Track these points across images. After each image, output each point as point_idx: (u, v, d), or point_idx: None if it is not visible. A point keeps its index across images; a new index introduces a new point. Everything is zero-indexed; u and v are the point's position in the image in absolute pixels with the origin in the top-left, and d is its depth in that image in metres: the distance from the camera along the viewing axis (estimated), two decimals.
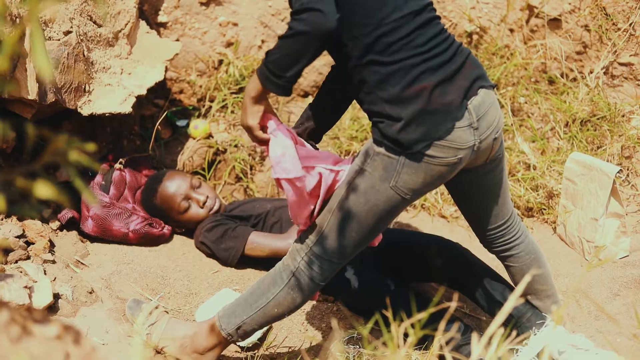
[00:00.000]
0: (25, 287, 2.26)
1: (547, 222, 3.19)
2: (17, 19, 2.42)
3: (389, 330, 2.23)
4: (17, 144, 2.80)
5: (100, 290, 2.60)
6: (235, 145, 3.40)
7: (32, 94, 2.55)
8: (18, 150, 2.83)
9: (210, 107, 3.51)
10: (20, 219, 2.66)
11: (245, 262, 2.93)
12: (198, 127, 3.37)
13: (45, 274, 2.45)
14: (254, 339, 2.50)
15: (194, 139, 3.38)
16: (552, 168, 3.23)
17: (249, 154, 3.41)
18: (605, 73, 3.35)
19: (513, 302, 1.24)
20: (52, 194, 0.91)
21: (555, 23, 3.45)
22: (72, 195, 2.82)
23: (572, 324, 2.57)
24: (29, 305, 2.23)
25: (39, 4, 0.89)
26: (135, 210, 2.98)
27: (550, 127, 3.39)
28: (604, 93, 3.31)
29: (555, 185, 3.15)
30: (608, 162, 3.05)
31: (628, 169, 3.18)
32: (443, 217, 3.31)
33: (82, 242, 2.85)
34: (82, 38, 2.81)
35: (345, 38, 1.90)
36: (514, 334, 2.33)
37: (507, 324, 2.34)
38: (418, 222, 3.27)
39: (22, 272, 2.40)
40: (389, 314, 1.58)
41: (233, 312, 2.24)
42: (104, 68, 2.94)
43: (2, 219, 2.62)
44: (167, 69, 3.33)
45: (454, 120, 1.91)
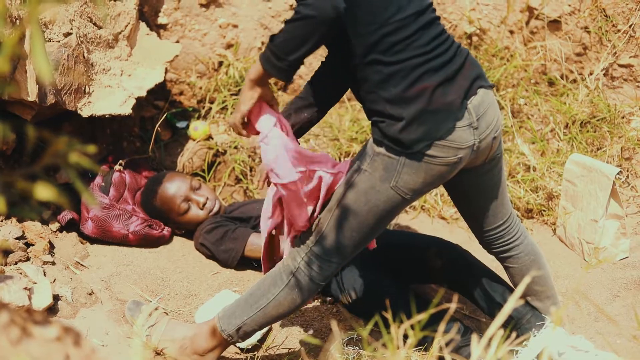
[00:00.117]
0: (25, 288, 2.26)
1: (546, 223, 3.19)
2: (17, 21, 2.42)
3: (389, 332, 2.22)
4: (17, 146, 2.80)
5: (100, 292, 2.60)
6: (235, 147, 3.40)
7: (32, 96, 2.55)
8: (18, 152, 2.83)
9: (210, 108, 3.51)
10: (20, 221, 2.66)
11: (245, 263, 2.93)
12: (198, 128, 3.37)
13: (45, 276, 2.45)
14: (254, 340, 2.50)
15: (194, 141, 3.38)
16: (552, 169, 3.23)
17: (249, 156, 3.41)
18: (605, 75, 3.35)
19: (513, 303, 1.24)
20: (52, 196, 0.91)
21: (555, 25, 3.45)
22: (72, 197, 2.82)
23: (571, 326, 2.57)
24: (29, 307, 2.23)
25: (39, 6, 0.89)
26: (135, 212, 2.98)
27: (550, 128, 3.39)
28: (604, 94, 3.31)
29: (555, 187, 3.15)
30: (608, 163, 3.05)
31: (628, 171, 3.18)
32: (443, 218, 3.31)
33: (81, 243, 2.85)
34: (82, 40, 2.81)
35: (351, 35, 1.90)
36: (514, 336, 2.33)
37: (506, 326, 2.33)
38: (418, 223, 3.26)
39: (21, 273, 2.40)
40: (389, 315, 1.58)
41: (233, 313, 2.24)
42: (104, 70, 2.94)
43: (1, 221, 2.62)
44: (167, 71, 3.34)
45: (455, 120, 1.92)
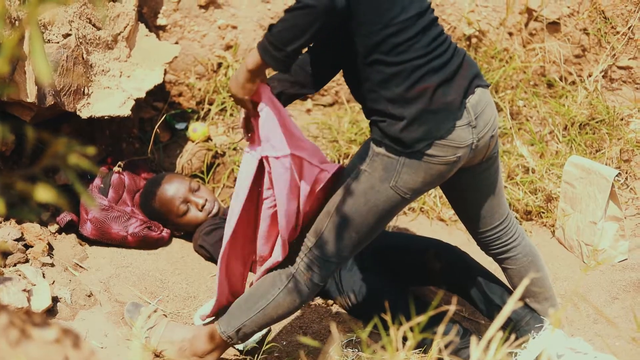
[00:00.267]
0: (24, 290, 2.26)
1: (545, 225, 3.19)
2: (16, 22, 2.42)
3: (388, 334, 2.22)
4: (16, 147, 2.80)
5: (99, 294, 2.59)
6: (234, 148, 3.40)
7: (31, 97, 2.55)
8: (17, 153, 2.83)
9: (209, 110, 3.51)
10: (19, 222, 2.66)
11: None
12: (197, 130, 3.37)
13: (44, 277, 2.45)
14: (253, 342, 2.50)
15: (193, 142, 3.37)
16: (550, 171, 3.23)
17: None
18: (604, 76, 3.35)
19: (512, 305, 1.24)
20: (51, 197, 0.91)
21: (554, 26, 3.45)
22: (71, 198, 2.84)
23: (570, 328, 2.57)
24: (28, 309, 2.22)
25: (39, 7, 0.89)
26: (134, 214, 2.98)
27: (549, 130, 3.39)
28: (603, 96, 3.31)
29: (554, 189, 3.15)
30: (607, 165, 3.05)
31: (627, 173, 3.18)
32: (442, 220, 3.31)
33: (80, 245, 2.85)
34: (81, 41, 2.81)
35: (354, 34, 1.90)
36: (513, 338, 2.33)
37: (505, 328, 2.34)
38: (417, 225, 3.26)
39: (20, 275, 2.40)
40: (388, 318, 1.58)
41: (232, 314, 2.24)
42: (103, 71, 2.94)
43: (0, 222, 2.62)
44: (166, 72, 3.34)
45: (455, 120, 1.94)
